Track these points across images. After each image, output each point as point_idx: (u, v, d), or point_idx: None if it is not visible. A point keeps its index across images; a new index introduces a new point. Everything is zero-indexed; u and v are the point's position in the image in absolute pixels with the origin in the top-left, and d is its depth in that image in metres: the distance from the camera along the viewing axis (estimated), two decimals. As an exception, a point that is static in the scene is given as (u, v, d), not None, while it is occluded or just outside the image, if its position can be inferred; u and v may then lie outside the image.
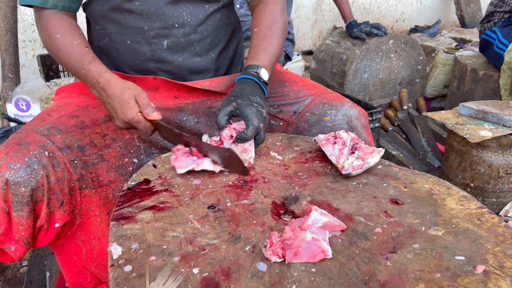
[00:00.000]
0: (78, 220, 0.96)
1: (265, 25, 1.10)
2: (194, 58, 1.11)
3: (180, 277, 0.58)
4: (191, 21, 1.08)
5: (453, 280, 0.58)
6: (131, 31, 1.06)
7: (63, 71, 2.46)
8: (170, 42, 1.07)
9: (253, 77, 1.00)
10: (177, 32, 1.07)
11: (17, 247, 0.84)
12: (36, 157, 0.86)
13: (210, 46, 1.13)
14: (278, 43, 1.09)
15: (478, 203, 0.75)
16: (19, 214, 0.83)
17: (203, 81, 1.11)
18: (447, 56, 2.78)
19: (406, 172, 0.88)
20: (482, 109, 1.58)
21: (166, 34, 1.06)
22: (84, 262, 1.00)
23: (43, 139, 0.90)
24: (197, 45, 1.10)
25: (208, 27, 1.11)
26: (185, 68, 1.11)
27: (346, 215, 0.73)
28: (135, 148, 1.04)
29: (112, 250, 0.63)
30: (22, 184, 0.83)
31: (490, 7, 2.34)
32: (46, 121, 0.95)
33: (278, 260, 0.61)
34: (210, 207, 0.75)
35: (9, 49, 1.98)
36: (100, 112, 1.03)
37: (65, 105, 1.03)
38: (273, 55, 1.07)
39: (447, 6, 5.19)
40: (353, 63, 2.43)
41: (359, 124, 1.06)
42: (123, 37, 1.07)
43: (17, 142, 0.87)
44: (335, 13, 4.42)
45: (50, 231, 0.90)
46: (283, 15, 1.13)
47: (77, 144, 0.95)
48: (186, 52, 1.10)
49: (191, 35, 1.09)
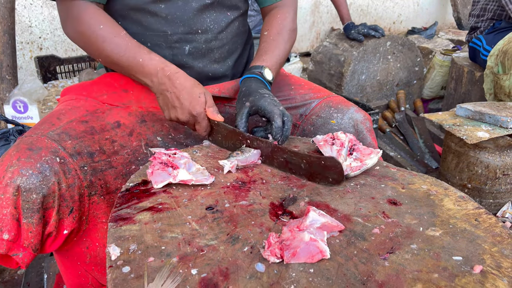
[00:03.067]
0: (85, 227, 0.95)
1: (275, 30, 1.12)
2: (213, 65, 1.12)
3: (178, 278, 0.58)
4: (213, 28, 1.08)
5: (451, 280, 0.58)
6: (153, 33, 1.05)
7: (61, 73, 2.46)
8: (192, 48, 1.08)
9: (256, 76, 1.02)
10: (200, 38, 1.07)
11: (25, 254, 0.82)
12: (48, 163, 0.84)
13: (228, 53, 1.14)
14: (285, 48, 1.11)
15: (476, 204, 0.76)
16: (29, 221, 0.81)
17: (212, 87, 1.11)
18: (444, 57, 2.79)
19: (403, 173, 0.88)
20: (479, 110, 1.59)
21: (188, 39, 1.06)
22: (87, 267, 0.99)
23: (54, 145, 0.88)
24: (217, 51, 1.11)
25: (228, 34, 1.12)
26: (204, 74, 1.12)
27: (344, 216, 0.73)
28: (142, 155, 1.03)
29: (111, 251, 0.63)
30: (34, 191, 0.81)
31: (471, 20, 2.35)
32: (56, 125, 0.93)
33: (276, 261, 0.61)
34: (208, 208, 0.75)
35: (7, 51, 1.98)
36: (109, 118, 1.01)
37: (73, 108, 1.01)
38: (279, 58, 1.09)
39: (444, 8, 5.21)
40: (351, 64, 2.44)
41: (365, 128, 1.08)
42: (143, 39, 1.06)
43: (28, 147, 0.84)
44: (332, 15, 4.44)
45: (58, 238, 0.89)
46: (293, 23, 1.16)
47: (87, 150, 0.93)
48: (206, 58, 1.10)
49: (212, 42, 1.09)
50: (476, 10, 2.30)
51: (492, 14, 2.21)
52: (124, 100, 1.07)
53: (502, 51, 1.91)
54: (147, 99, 1.08)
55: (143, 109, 1.07)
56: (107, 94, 1.07)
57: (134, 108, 1.06)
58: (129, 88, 1.08)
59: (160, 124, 1.07)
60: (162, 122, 1.08)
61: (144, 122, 1.05)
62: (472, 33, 2.36)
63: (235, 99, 1.14)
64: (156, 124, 1.07)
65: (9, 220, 0.80)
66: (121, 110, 1.05)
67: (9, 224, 0.80)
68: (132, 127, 1.03)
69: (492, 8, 2.20)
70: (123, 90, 1.08)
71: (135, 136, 1.03)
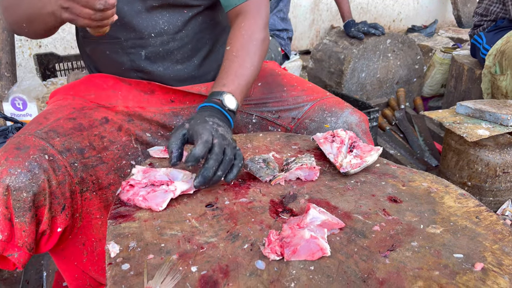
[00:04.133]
0: (79, 224, 0.94)
1: (238, 43, 0.98)
2: (175, 66, 1.07)
3: (178, 275, 0.58)
4: (168, 29, 1.03)
5: (452, 278, 0.58)
6: (109, 41, 1.04)
7: (60, 70, 2.45)
8: (148, 52, 1.04)
9: (213, 105, 0.87)
10: (154, 41, 1.03)
11: (20, 254, 0.82)
12: (37, 161, 0.83)
13: (192, 52, 1.08)
14: (252, 64, 0.97)
15: (476, 201, 0.75)
16: (21, 220, 0.81)
17: (199, 86, 1.09)
18: (444, 55, 2.79)
19: (404, 170, 0.88)
20: (479, 108, 1.59)
21: (143, 44, 1.03)
22: (85, 266, 0.99)
23: (42, 143, 0.87)
24: (177, 52, 1.06)
25: (188, 32, 1.06)
26: (167, 76, 1.08)
27: (344, 213, 0.73)
28: (133, 150, 1.03)
29: (110, 249, 0.63)
30: (24, 189, 0.80)
31: (476, 18, 2.35)
32: (44, 124, 0.93)
33: (276, 258, 0.61)
34: (208, 205, 0.75)
35: (6, 48, 1.97)
36: (97, 114, 1.01)
37: (60, 107, 1.00)
38: (244, 79, 0.94)
39: (444, 5, 5.20)
40: (351, 62, 2.43)
41: (360, 131, 1.04)
42: (101, 46, 1.06)
43: (15, 147, 0.84)
44: (332, 12, 4.43)
45: (52, 236, 0.88)
46: (262, 32, 1.02)
47: (76, 146, 0.92)
48: (166, 61, 1.06)
49: (169, 43, 1.04)
50: (480, 9, 2.30)
51: (494, 17, 2.21)
52: (112, 100, 1.06)
53: (500, 51, 1.90)
54: (134, 100, 1.08)
55: (130, 109, 1.06)
56: (94, 94, 1.07)
57: (121, 108, 1.06)
58: (116, 89, 1.08)
59: (148, 123, 1.07)
60: (150, 121, 1.07)
61: (132, 121, 1.06)
62: (475, 29, 2.36)
63: None
64: (144, 123, 1.07)
65: (1, 220, 0.80)
66: (108, 109, 1.05)
67: (1, 224, 0.80)
68: (121, 123, 1.03)
69: (495, 10, 2.20)
70: (111, 90, 1.08)
71: (124, 131, 1.03)
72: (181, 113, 1.09)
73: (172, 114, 1.09)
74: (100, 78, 1.10)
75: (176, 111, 1.09)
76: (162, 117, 1.08)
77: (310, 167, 0.83)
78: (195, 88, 1.08)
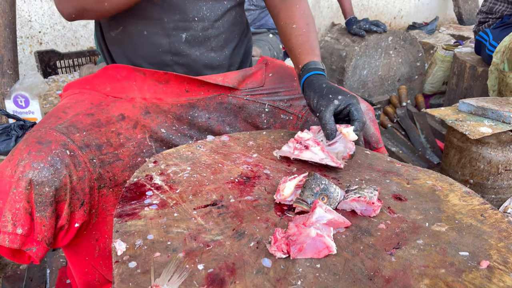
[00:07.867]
0: (94, 220, 0.95)
1: (303, 22, 1.13)
2: (210, 53, 1.11)
3: (185, 273, 0.58)
4: (210, 16, 1.07)
5: (458, 276, 0.58)
6: (149, 21, 1.04)
7: (61, 68, 2.45)
8: (188, 35, 1.07)
9: (323, 72, 1.04)
10: (196, 25, 1.06)
11: (38, 248, 0.82)
12: (59, 156, 0.84)
13: (225, 42, 1.13)
14: (317, 36, 1.15)
15: (481, 199, 0.76)
16: (42, 215, 0.81)
17: (216, 76, 1.11)
18: (446, 53, 2.79)
19: (408, 168, 0.88)
20: (482, 105, 1.59)
21: (185, 27, 1.06)
22: (95, 262, 0.99)
23: (64, 138, 0.88)
24: (213, 40, 1.10)
25: (224, 23, 1.11)
26: (201, 62, 1.11)
27: (349, 211, 0.73)
28: (147, 147, 1.04)
29: (116, 247, 0.63)
30: (46, 184, 0.81)
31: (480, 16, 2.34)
32: (63, 119, 0.93)
33: (282, 256, 0.61)
34: (213, 203, 0.75)
35: (8, 45, 1.97)
36: (114, 110, 1.02)
37: (78, 102, 1.01)
38: (318, 48, 1.13)
39: (444, 3, 5.19)
40: (352, 59, 2.43)
41: (368, 118, 1.09)
42: (140, 27, 1.05)
43: (37, 141, 0.84)
44: (333, 9, 4.42)
45: (70, 231, 0.89)
46: (310, 11, 1.19)
47: (95, 142, 0.93)
48: (202, 46, 1.10)
49: (208, 30, 1.08)
50: (485, 7, 2.29)
51: (500, 14, 2.20)
52: (128, 91, 1.07)
53: (508, 48, 1.89)
54: (150, 91, 1.08)
55: (147, 100, 1.07)
56: (110, 87, 1.07)
57: (138, 99, 1.06)
58: (131, 79, 1.08)
59: (164, 115, 1.08)
60: (166, 113, 1.08)
61: (148, 114, 1.06)
62: (480, 26, 2.35)
63: (239, 90, 1.13)
64: (160, 116, 1.07)
65: (22, 215, 0.80)
66: (125, 102, 1.05)
67: (22, 219, 0.80)
68: (136, 120, 1.04)
69: (500, 9, 2.19)
70: (126, 81, 1.08)
71: (139, 128, 1.04)
72: (197, 104, 1.10)
73: (188, 105, 1.10)
74: (113, 69, 1.10)
75: (193, 102, 1.10)
76: (178, 109, 1.09)
77: (369, 202, 0.71)
78: (213, 78, 1.09)
